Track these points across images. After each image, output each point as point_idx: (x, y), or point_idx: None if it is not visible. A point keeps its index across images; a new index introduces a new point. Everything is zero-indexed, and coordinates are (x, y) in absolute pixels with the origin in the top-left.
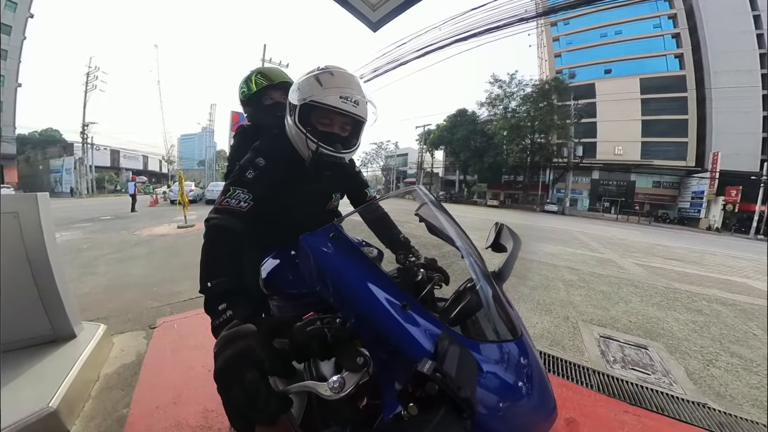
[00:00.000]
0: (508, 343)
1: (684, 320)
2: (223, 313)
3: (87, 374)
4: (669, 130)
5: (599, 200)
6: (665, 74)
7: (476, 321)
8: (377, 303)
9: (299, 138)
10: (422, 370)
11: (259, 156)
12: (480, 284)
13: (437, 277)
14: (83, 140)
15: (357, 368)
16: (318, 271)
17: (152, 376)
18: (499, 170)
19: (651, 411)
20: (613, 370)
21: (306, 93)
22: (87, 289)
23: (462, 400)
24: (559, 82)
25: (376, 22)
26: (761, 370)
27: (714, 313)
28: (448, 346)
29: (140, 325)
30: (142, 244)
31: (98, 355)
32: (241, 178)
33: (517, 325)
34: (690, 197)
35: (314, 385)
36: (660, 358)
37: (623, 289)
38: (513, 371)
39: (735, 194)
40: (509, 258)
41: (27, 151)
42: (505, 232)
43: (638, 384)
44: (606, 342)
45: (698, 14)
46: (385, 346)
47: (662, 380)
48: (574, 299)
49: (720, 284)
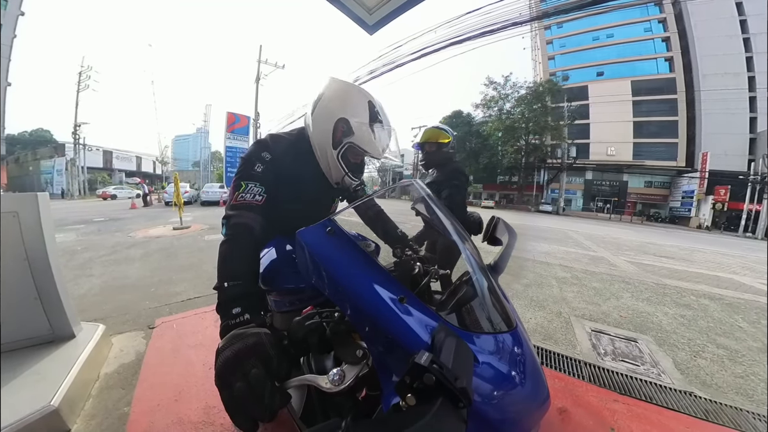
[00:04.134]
0: (503, 334)
1: (673, 314)
2: (238, 316)
3: (87, 374)
4: (660, 131)
5: (593, 200)
6: (656, 77)
7: (472, 313)
8: (375, 296)
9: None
10: (420, 362)
11: (264, 150)
12: (476, 277)
13: (433, 270)
14: (75, 141)
15: (356, 361)
16: (315, 266)
17: (152, 374)
18: (494, 171)
19: (640, 400)
20: (604, 362)
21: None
22: (83, 291)
23: (459, 390)
24: (553, 84)
25: (372, 25)
26: (746, 360)
27: (702, 307)
28: (444, 337)
29: (138, 326)
30: (137, 246)
31: (98, 354)
32: (250, 172)
33: (512, 317)
34: (681, 196)
35: (314, 379)
36: (649, 350)
37: (615, 286)
38: (508, 361)
39: (724, 193)
40: (504, 251)
41: (17, 152)
42: (500, 225)
43: (628, 375)
44: (597, 336)
45: (687, 18)
46: (383, 338)
47: (651, 371)
48: (567, 296)
49: (708, 280)
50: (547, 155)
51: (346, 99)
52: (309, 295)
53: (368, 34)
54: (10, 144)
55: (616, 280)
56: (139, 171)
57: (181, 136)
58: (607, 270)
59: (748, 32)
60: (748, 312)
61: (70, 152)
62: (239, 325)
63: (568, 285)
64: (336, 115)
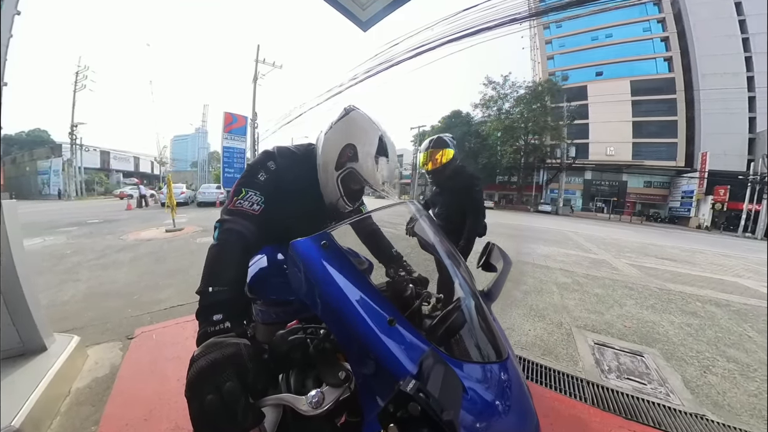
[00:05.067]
0: (493, 364)
1: (679, 323)
2: (218, 323)
3: (56, 389)
4: (659, 131)
5: (592, 200)
6: (655, 77)
7: (462, 340)
8: (363, 315)
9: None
10: (405, 389)
11: (270, 160)
12: (469, 303)
13: (425, 294)
14: (72, 141)
15: (338, 383)
16: (306, 279)
17: (125, 390)
18: (494, 171)
19: (647, 425)
20: (608, 380)
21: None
22: (66, 297)
23: (445, 423)
24: (552, 83)
25: (365, 21)
26: (758, 375)
27: (708, 315)
28: (432, 365)
29: (117, 336)
30: (127, 249)
31: (70, 368)
32: (253, 180)
33: (503, 347)
34: (680, 196)
35: (292, 399)
36: (656, 366)
37: (617, 292)
38: (497, 394)
39: (723, 193)
40: (499, 278)
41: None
42: (495, 251)
43: (634, 396)
44: (600, 350)
45: (686, 18)
46: (369, 361)
47: (658, 390)
48: (568, 303)
49: (713, 284)
50: (546, 155)
51: (361, 128)
52: (296, 308)
53: (362, 31)
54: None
55: (619, 286)
56: (137, 171)
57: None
58: (609, 274)
59: (747, 32)
60: (756, 320)
61: (67, 153)
62: (218, 333)
63: (569, 291)
64: (346, 140)
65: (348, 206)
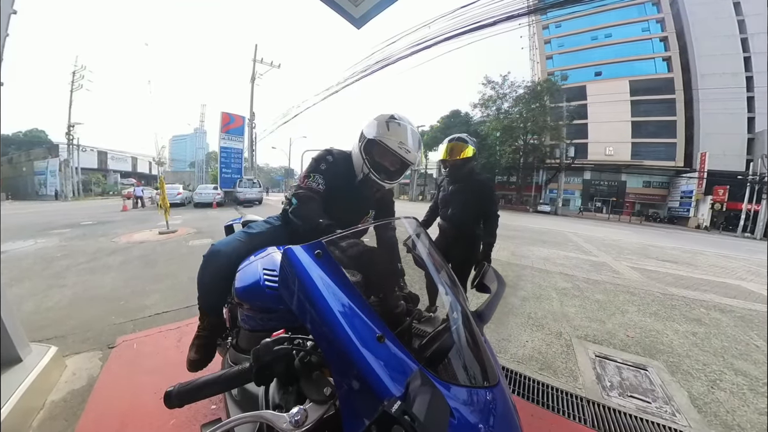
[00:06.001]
0: (483, 389)
1: (683, 332)
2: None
3: (30, 402)
4: (658, 131)
5: (591, 200)
6: (654, 77)
7: (452, 362)
8: (352, 329)
9: (358, 161)
10: (390, 410)
11: (329, 155)
12: (460, 324)
13: (417, 311)
14: (69, 141)
15: (323, 400)
16: (296, 287)
17: (100, 403)
18: (493, 171)
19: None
20: (610, 398)
21: (376, 132)
22: (51, 304)
23: None
24: (551, 83)
25: (359, 18)
26: None
27: (713, 322)
28: (419, 386)
29: (98, 345)
30: (118, 252)
31: (46, 380)
32: (317, 167)
33: (495, 371)
34: (679, 196)
35: (271, 416)
36: (661, 381)
37: (619, 297)
38: (485, 420)
39: (722, 193)
40: (492, 300)
41: (10, 153)
42: (490, 273)
43: (637, 416)
44: (602, 363)
45: (685, 18)
46: (354, 378)
47: (664, 409)
48: (568, 311)
49: (716, 288)
50: (545, 155)
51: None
52: (283, 316)
53: (356, 28)
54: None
55: (621, 291)
56: (135, 172)
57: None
58: (610, 278)
59: (746, 32)
60: (762, 327)
61: (64, 153)
62: None
63: (569, 297)
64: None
65: (375, 176)
